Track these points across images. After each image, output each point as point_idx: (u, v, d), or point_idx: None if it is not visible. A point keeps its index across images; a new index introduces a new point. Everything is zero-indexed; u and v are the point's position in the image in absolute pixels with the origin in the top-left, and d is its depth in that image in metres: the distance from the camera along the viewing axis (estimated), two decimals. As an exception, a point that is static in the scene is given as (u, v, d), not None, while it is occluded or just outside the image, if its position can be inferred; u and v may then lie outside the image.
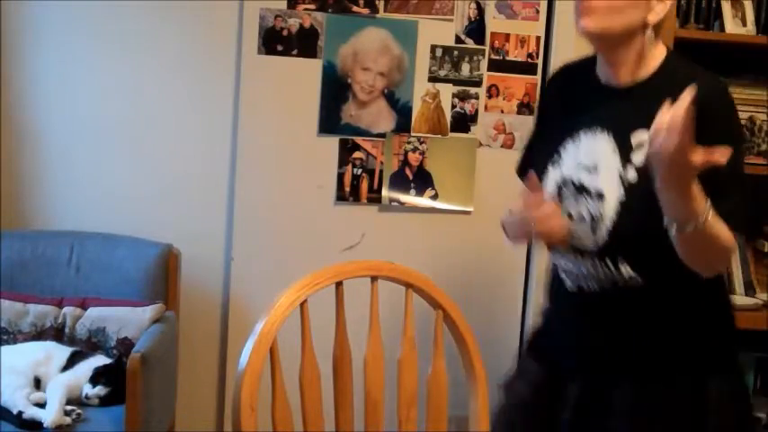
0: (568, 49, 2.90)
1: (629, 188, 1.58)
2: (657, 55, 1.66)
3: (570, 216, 1.62)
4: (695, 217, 1.46)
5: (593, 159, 1.62)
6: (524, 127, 2.96)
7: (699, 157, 1.37)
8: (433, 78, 2.87)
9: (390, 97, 2.86)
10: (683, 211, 1.46)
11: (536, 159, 1.74)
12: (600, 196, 1.60)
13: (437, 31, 2.86)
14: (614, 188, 1.59)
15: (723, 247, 1.52)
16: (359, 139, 2.87)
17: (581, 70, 1.75)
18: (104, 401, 2.37)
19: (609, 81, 1.67)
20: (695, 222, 1.46)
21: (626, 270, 1.61)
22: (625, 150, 1.60)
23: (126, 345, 2.52)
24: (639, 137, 1.57)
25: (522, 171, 1.83)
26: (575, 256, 1.64)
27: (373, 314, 1.47)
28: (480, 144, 2.94)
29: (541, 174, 1.69)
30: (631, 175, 1.58)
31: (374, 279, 1.48)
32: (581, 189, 1.63)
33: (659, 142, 1.38)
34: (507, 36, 2.91)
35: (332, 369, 1.45)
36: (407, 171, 2.90)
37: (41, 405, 2.28)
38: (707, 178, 1.46)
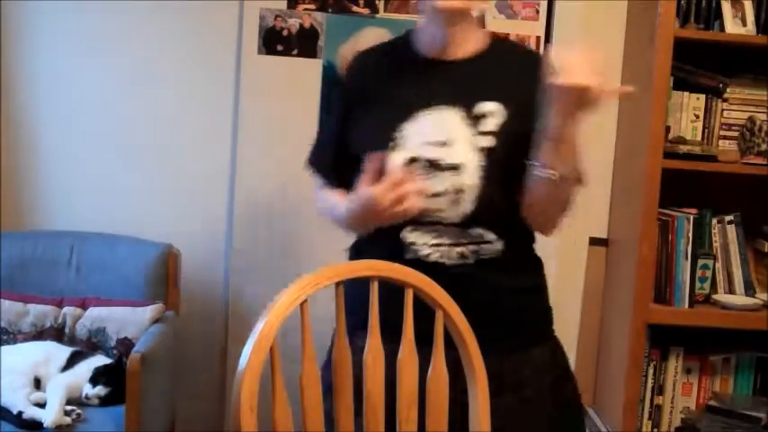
0: (568, 49, 2.90)
1: (486, 155, 1.63)
2: (484, 35, 1.75)
3: (426, 194, 1.62)
4: (572, 163, 1.58)
5: (442, 134, 1.65)
6: (524, 127, 2.97)
7: (612, 89, 1.48)
8: (433, 78, 2.87)
9: (390, 97, 2.86)
10: (566, 154, 1.56)
11: (359, 147, 1.68)
12: (457, 168, 1.63)
13: (437, 31, 2.86)
14: (471, 157, 1.63)
15: (571, 202, 1.66)
16: (359, 139, 2.87)
17: (388, 53, 1.78)
18: (104, 401, 2.37)
19: (442, 57, 1.70)
20: (574, 164, 1.59)
21: (490, 238, 1.67)
22: (474, 120, 1.65)
23: (126, 345, 2.52)
24: (484, 106, 1.65)
25: (317, 164, 1.84)
26: (435, 230, 1.65)
27: (373, 314, 1.47)
28: (480, 144, 2.94)
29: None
30: (485, 142, 1.64)
31: (374, 279, 1.48)
32: (435, 165, 1.64)
33: (573, 80, 1.46)
34: (507, 36, 2.91)
35: (332, 369, 1.45)
36: (407, 171, 2.90)
37: (41, 405, 2.28)
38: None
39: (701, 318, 2.67)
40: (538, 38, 2.92)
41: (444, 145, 1.64)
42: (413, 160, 1.64)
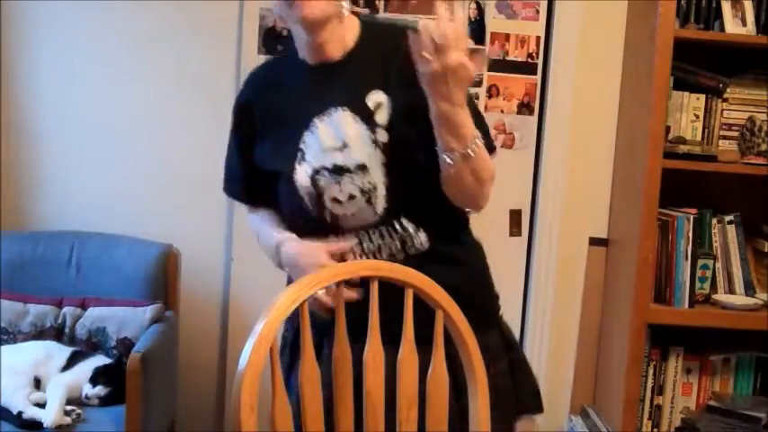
0: (568, 48, 2.91)
1: (385, 149, 1.60)
2: (353, 22, 1.70)
3: (337, 200, 1.61)
4: (471, 138, 1.52)
5: (338, 138, 1.62)
6: (524, 127, 2.97)
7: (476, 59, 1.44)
8: (433, 78, 2.87)
9: (390, 97, 2.86)
10: (461, 133, 1.51)
11: (267, 166, 1.67)
12: (362, 167, 1.60)
13: (437, 31, 2.85)
14: (372, 154, 1.61)
15: (490, 171, 1.59)
16: (359, 139, 2.86)
17: (275, 71, 1.76)
18: (104, 401, 2.37)
19: (321, 61, 1.67)
20: (472, 144, 1.53)
21: (413, 229, 1.64)
22: (366, 115, 1.62)
23: (126, 345, 2.52)
24: (374, 98, 1.62)
25: (232, 191, 1.82)
26: (359, 234, 1.63)
27: (373, 314, 1.46)
28: (480, 144, 2.94)
29: (283, 176, 1.64)
30: (382, 135, 1.61)
31: (374, 279, 1.48)
32: (339, 170, 1.61)
33: (435, 65, 1.43)
34: (507, 36, 2.91)
35: (332, 369, 1.45)
36: (407, 171, 2.90)
37: (41, 405, 2.28)
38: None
39: (701, 318, 2.67)
40: (538, 38, 2.92)
41: (343, 148, 1.62)
42: (317, 172, 1.62)
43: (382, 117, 1.62)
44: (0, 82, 2.86)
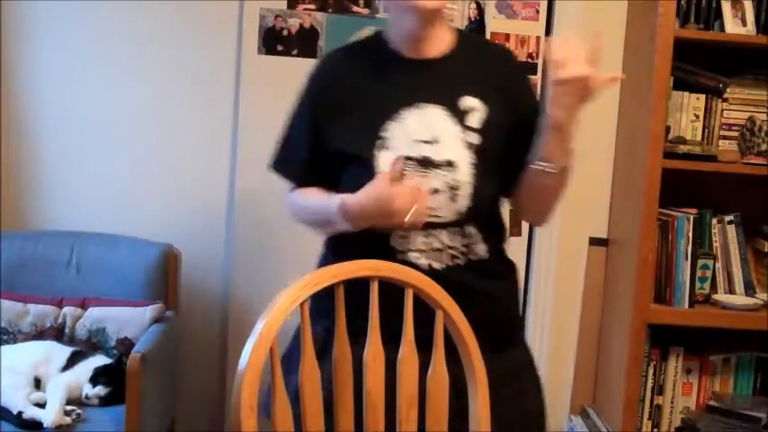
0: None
1: (475, 151, 1.65)
2: (451, 29, 1.76)
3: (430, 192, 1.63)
4: (572, 151, 1.62)
5: (429, 132, 1.65)
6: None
7: (604, 77, 1.53)
8: (433, 78, 2.87)
9: (390, 97, 2.86)
10: (567, 146, 1.60)
11: (342, 146, 1.68)
12: (450, 164, 1.63)
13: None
14: (462, 154, 1.64)
15: (565, 189, 1.70)
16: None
17: (360, 53, 1.78)
18: (104, 401, 2.37)
19: (417, 56, 1.71)
20: (571, 156, 1.63)
21: (477, 236, 1.68)
22: (459, 116, 1.66)
23: (126, 345, 2.52)
24: (467, 102, 1.67)
25: (286, 166, 1.83)
26: (426, 234, 1.65)
27: (373, 314, 1.46)
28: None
29: (359, 160, 1.65)
30: (472, 138, 1.65)
31: (374, 279, 1.48)
32: (426, 163, 1.64)
33: (571, 73, 1.51)
34: (507, 36, 2.91)
35: (332, 369, 1.45)
36: (407, 171, 2.90)
37: (41, 405, 2.28)
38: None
39: (701, 318, 2.67)
40: (538, 38, 2.92)
41: (433, 142, 1.64)
42: (423, 160, 1.64)
43: (475, 120, 1.66)
44: (0, 82, 2.86)
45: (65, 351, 2.47)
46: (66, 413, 2.26)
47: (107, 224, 2.84)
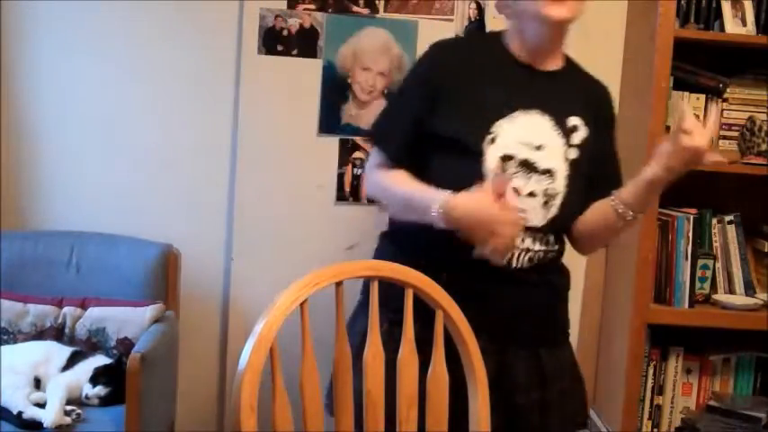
0: (567, 48, 2.90)
1: (571, 165, 1.73)
2: (562, 53, 1.85)
3: (516, 191, 1.69)
4: (646, 210, 1.79)
5: (537, 138, 1.71)
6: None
7: (713, 157, 1.66)
8: (433, 78, 2.87)
9: (390, 97, 2.87)
10: (649, 201, 1.74)
11: (450, 133, 1.70)
12: (549, 173, 1.71)
13: (437, 31, 2.85)
14: (561, 166, 1.72)
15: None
16: (359, 139, 2.87)
17: (469, 50, 1.83)
18: (104, 401, 2.37)
19: (534, 65, 1.77)
20: (644, 213, 1.78)
21: (555, 247, 1.80)
22: (564, 131, 1.74)
23: (126, 345, 2.52)
24: (572, 120, 1.76)
25: (385, 140, 1.83)
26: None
27: (373, 314, 1.47)
28: (480, 144, 2.95)
29: (466, 150, 1.69)
30: (572, 154, 1.74)
31: (374, 279, 1.48)
32: (529, 166, 1.70)
33: (694, 142, 1.61)
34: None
35: (332, 369, 1.45)
36: (407, 171, 2.90)
37: (41, 405, 2.28)
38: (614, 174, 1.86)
39: (701, 318, 2.67)
40: (538, 38, 2.92)
41: (539, 149, 1.70)
42: (507, 158, 1.68)
43: (577, 139, 1.76)
44: (0, 82, 2.86)
45: (65, 351, 2.47)
46: (67, 413, 2.26)
47: (107, 224, 2.84)
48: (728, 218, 2.75)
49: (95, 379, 2.38)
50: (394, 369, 1.49)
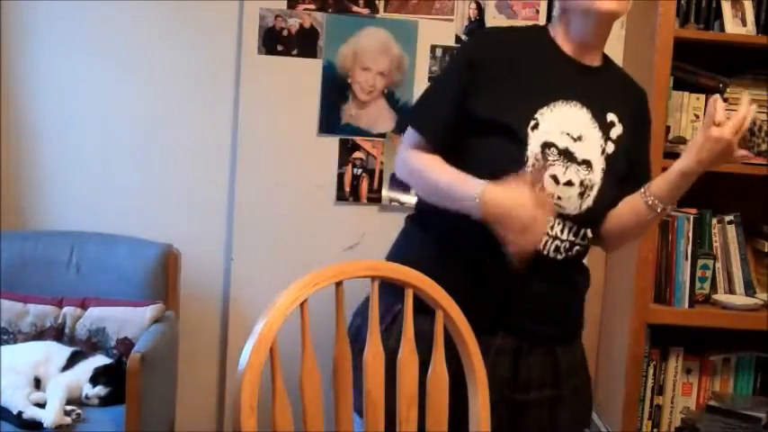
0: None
1: (607, 159, 1.75)
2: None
3: (555, 179, 1.70)
4: (675, 204, 1.76)
5: (577, 129, 1.73)
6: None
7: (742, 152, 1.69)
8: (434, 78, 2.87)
9: (390, 97, 2.87)
10: (678, 193, 1.72)
11: (492, 116, 1.70)
12: (588, 164, 1.72)
13: (437, 31, 2.86)
14: (598, 158, 1.74)
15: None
16: (359, 139, 2.87)
17: (514, 39, 1.83)
18: (104, 401, 2.37)
19: (578, 58, 1.78)
20: (672, 207, 1.77)
21: (586, 237, 1.78)
22: (603, 125, 1.75)
23: (126, 345, 2.52)
24: (611, 116, 1.78)
25: (423, 123, 1.81)
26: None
27: (373, 314, 1.47)
28: (480, 144, 2.95)
29: (509, 132, 1.69)
30: (610, 147, 1.75)
31: (374, 279, 1.48)
32: (568, 155, 1.71)
33: (724, 135, 1.63)
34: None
35: (332, 369, 1.45)
36: (407, 171, 2.90)
37: (41, 405, 2.28)
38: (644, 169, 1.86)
39: (701, 318, 2.67)
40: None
41: (579, 140, 1.72)
42: (547, 145, 1.70)
43: (614, 134, 1.77)
44: (0, 82, 2.86)
45: (65, 351, 2.47)
46: (67, 413, 2.26)
47: (107, 224, 2.84)
48: (728, 218, 2.75)
49: (95, 379, 2.38)
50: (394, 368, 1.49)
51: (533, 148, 1.69)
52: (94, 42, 2.86)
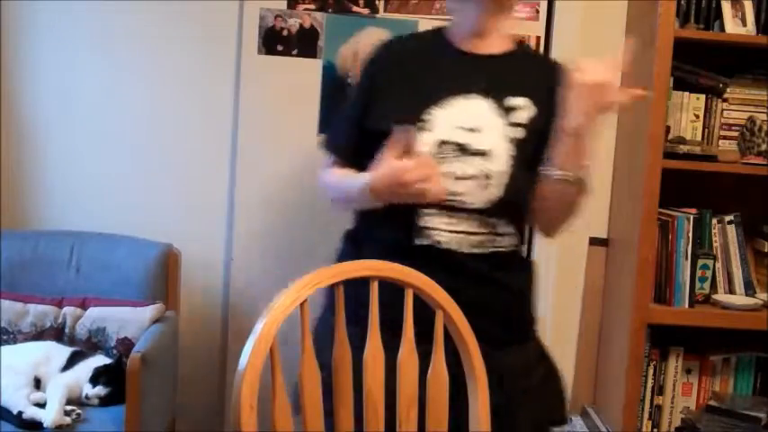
0: (568, 48, 2.91)
1: (517, 144, 1.70)
2: (510, 34, 1.84)
3: (453, 175, 1.68)
4: (586, 167, 1.66)
5: (472, 121, 1.71)
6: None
7: (630, 91, 1.58)
8: (433, 78, 2.87)
9: (390, 97, 2.86)
10: (581, 155, 1.64)
11: (382, 125, 1.70)
12: (485, 154, 1.69)
13: (437, 31, 2.86)
14: (503, 146, 1.70)
15: (579, 203, 1.72)
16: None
17: (424, 43, 1.84)
18: (104, 401, 2.37)
19: (474, 51, 1.77)
20: (585, 171, 1.67)
21: (507, 231, 1.74)
22: (505, 112, 1.71)
23: (126, 345, 2.52)
24: (515, 100, 1.73)
25: (333, 143, 1.88)
26: (454, 216, 1.70)
27: (373, 314, 1.46)
28: (480, 144, 2.95)
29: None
30: (516, 133, 1.70)
31: (374, 279, 1.48)
32: (464, 149, 1.69)
33: (587, 78, 1.57)
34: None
35: (332, 369, 1.45)
36: (407, 171, 2.90)
37: (41, 405, 2.28)
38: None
39: (701, 318, 2.67)
40: (538, 38, 2.92)
41: (473, 131, 1.70)
42: (443, 143, 1.69)
43: (523, 117, 1.73)
44: (0, 82, 2.86)
45: (65, 351, 2.47)
46: (67, 413, 2.26)
47: (107, 224, 2.84)
48: (728, 218, 2.74)
49: (95, 379, 2.38)
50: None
51: (425, 148, 1.68)
52: (94, 42, 2.86)
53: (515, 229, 1.78)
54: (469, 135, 1.69)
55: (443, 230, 1.70)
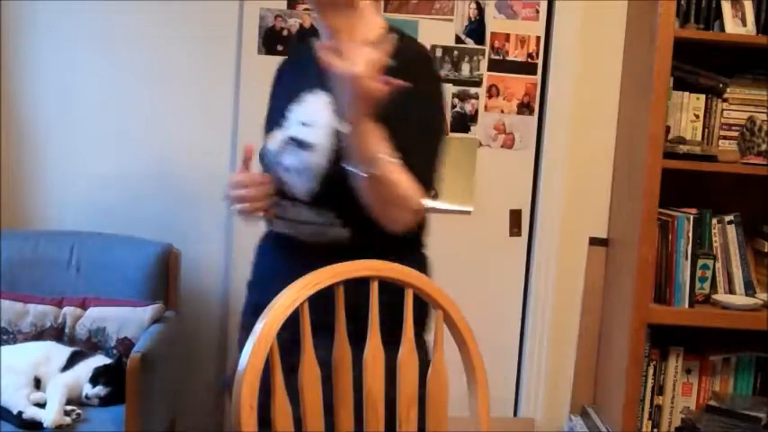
0: (568, 49, 2.91)
1: (339, 140, 1.65)
2: (377, 26, 1.84)
3: (285, 168, 1.74)
4: (376, 156, 1.56)
5: (311, 116, 1.74)
6: (525, 127, 2.97)
7: (380, 82, 1.51)
8: (433, 78, 2.87)
9: (390, 97, 2.86)
10: (365, 148, 1.57)
11: (271, 127, 1.82)
12: (309, 146, 1.71)
13: (437, 31, 2.86)
14: (325, 139, 1.69)
15: (403, 196, 1.62)
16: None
17: (306, 46, 1.84)
18: (104, 401, 2.37)
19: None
20: (376, 163, 1.57)
21: (335, 222, 1.71)
22: (339, 106, 1.65)
23: (126, 345, 2.52)
24: None
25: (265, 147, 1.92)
26: (293, 204, 1.75)
27: (373, 314, 1.46)
28: (480, 144, 2.94)
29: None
30: (345, 128, 1.62)
31: (374, 279, 1.48)
32: (297, 143, 1.73)
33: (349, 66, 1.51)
34: (507, 36, 2.91)
35: (332, 369, 1.45)
36: (407, 171, 2.90)
37: (41, 405, 2.28)
38: (399, 134, 1.62)
39: (701, 318, 2.67)
40: (538, 38, 2.92)
41: (306, 125, 1.74)
42: (291, 139, 1.74)
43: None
44: (0, 82, 2.86)
45: (65, 351, 2.47)
46: (67, 413, 2.26)
47: (107, 224, 2.84)
48: (728, 218, 2.75)
49: (95, 379, 2.38)
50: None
51: (272, 144, 1.77)
52: (94, 42, 2.86)
53: (355, 219, 1.69)
54: (304, 129, 1.74)
55: (289, 219, 1.77)
